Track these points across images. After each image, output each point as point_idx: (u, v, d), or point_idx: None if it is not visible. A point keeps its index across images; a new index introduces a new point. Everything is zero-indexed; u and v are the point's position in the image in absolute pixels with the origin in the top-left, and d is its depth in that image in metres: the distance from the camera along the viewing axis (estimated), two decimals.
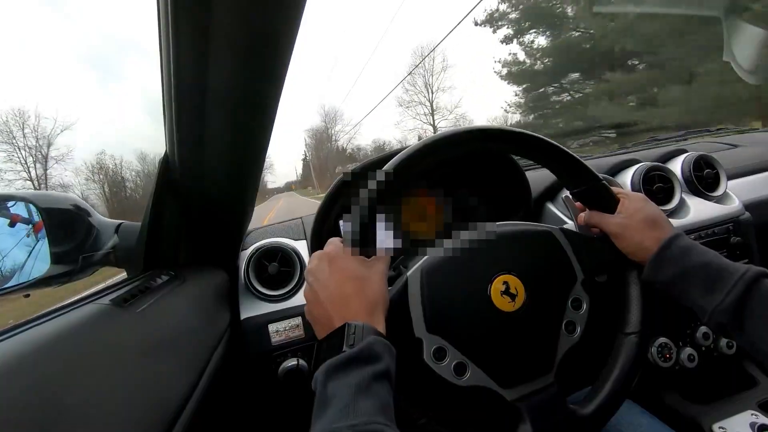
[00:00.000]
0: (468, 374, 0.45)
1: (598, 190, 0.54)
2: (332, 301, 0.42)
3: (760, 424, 0.65)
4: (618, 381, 0.48)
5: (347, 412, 0.32)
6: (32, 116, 18.01)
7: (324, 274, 0.43)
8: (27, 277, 0.50)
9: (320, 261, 0.45)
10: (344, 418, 0.32)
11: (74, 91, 65.69)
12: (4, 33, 61.50)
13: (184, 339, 0.50)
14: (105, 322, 0.39)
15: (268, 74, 0.42)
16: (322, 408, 0.34)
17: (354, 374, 0.35)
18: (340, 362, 0.36)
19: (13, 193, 0.52)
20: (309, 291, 0.45)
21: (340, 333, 0.39)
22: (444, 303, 0.47)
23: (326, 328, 0.41)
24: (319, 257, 0.45)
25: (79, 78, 72.69)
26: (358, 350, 0.36)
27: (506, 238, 0.51)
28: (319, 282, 0.43)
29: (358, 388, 0.34)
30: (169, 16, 0.34)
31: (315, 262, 0.45)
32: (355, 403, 0.33)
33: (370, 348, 0.37)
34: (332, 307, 0.41)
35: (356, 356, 0.36)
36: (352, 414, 0.32)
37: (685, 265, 0.47)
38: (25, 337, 0.32)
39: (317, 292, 0.43)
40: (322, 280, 0.43)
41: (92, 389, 0.31)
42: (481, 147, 0.51)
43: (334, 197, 0.69)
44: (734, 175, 1.00)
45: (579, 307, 0.50)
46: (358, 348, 0.36)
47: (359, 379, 0.35)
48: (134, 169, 16.35)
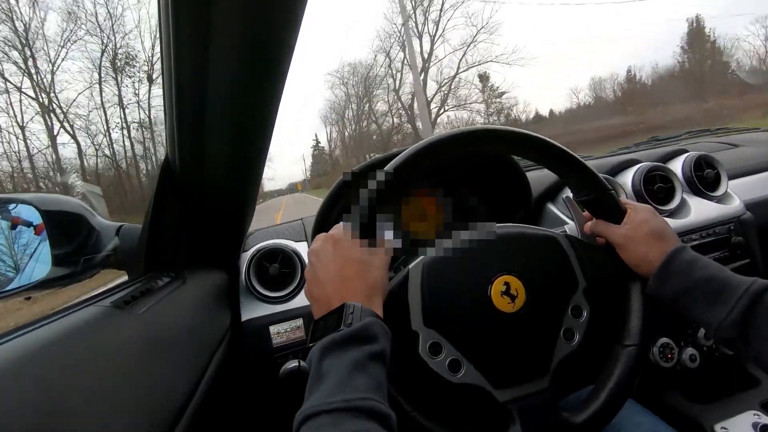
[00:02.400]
0: (462, 371, 0.45)
1: (606, 199, 0.53)
2: (332, 281, 0.42)
3: (762, 424, 0.65)
4: (613, 392, 0.48)
5: (342, 388, 0.33)
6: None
7: (327, 254, 0.44)
8: (28, 280, 0.50)
9: (324, 242, 0.45)
10: (339, 392, 0.32)
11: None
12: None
13: (185, 340, 0.50)
14: (106, 324, 0.39)
15: (268, 75, 0.42)
16: (317, 383, 0.34)
17: (350, 352, 0.35)
18: (337, 340, 0.36)
19: (14, 195, 0.53)
20: (310, 270, 0.45)
21: (338, 312, 0.39)
22: (443, 298, 0.47)
23: (324, 307, 0.41)
24: (324, 239, 0.45)
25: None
26: (355, 329, 0.37)
27: (511, 239, 0.51)
28: (321, 262, 0.44)
29: (354, 366, 0.34)
30: (170, 18, 0.35)
31: (319, 243, 0.45)
32: (350, 379, 0.33)
33: (368, 328, 0.37)
34: (332, 288, 0.42)
35: (354, 335, 0.36)
36: (347, 389, 0.32)
37: (689, 279, 0.47)
38: (27, 339, 0.32)
39: (318, 271, 0.43)
40: (324, 261, 0.43)
41: (94, 391, 0.31)
42: (486, 149, 0.51)
43: (335, 197, 0.69)
44: (735, 174, 1.00)
45: (579, 314, 0.50)
46: (356, 327, 0.37)
47: (355, 357, 0.35)
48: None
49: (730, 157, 1.10)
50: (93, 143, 15.32)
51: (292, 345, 0.74)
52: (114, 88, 16.43)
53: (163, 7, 0.35)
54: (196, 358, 0.51)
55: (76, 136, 14.98)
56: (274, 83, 0.44)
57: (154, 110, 15.90)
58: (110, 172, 14.90)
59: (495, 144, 0.51)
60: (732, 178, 0.96)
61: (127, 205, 13.94)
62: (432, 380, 0.45)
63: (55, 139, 14.65)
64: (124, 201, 14.57)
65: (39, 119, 14.69)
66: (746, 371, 0.79)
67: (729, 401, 0.72)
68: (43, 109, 14.73)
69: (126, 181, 15.77)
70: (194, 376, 0.47)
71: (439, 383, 0.45)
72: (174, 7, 0.34)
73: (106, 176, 14.59)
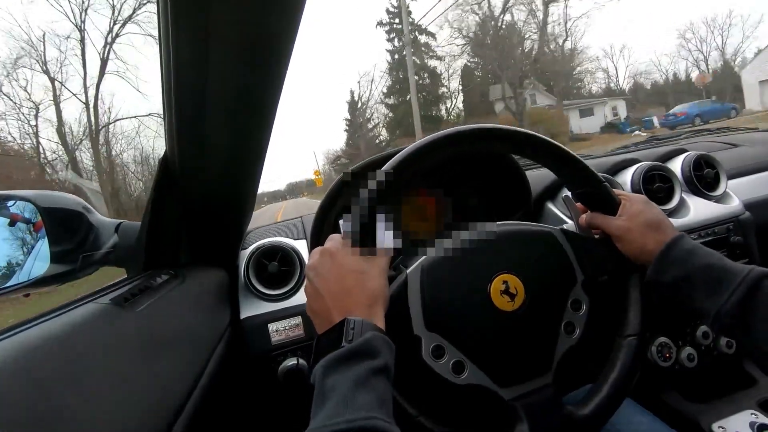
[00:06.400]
0: (466, 373, 0.45)
1: (600, 191, 0.54)
2: (332, 294, 0.42)
3: (759, 423, 0.65)
4: (616, 383, 0.48)
5: (345, 406, 0.32)
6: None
7: (325, 268, 0.43)
8: (27, 277, 0.50)
9: (321, 256, 0.45)
10: (342, 412, 0.32)
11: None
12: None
13: (184, 338, 0.50)
14: (105, 321, 0.39)
15: (268, 74, 0.42)
16: (321, 401, 0.34)
17: (353, 369, 0.35)
18: (339, 357, 0.36)
19: (13, 192, 0.52)
20: (309, 286, 0.45)
21: (339, 328, 0.39)
22: (443, 301, 0.47)
23: (326, 322, 0.41)
24: (321, 252, 0.45)
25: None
26: (357, 345, 0.36)
27: (507, 237, 0.51)
28: (320, 276, 0.43)
29: (357, 383, 0.34)
30: (169, 16, 0.34)
31: (316, 257, 0.45)
32: (353, 397, 0.33)
33: (369, 343, 0.37)
34: (332, 301, 0.42)
35: (355, 351, 0.36)
36: (351, 408, 0.32)
37: (688, 268, 0.47)
38: (25, 336, 0.32)
39: (318, 286, 0.43)
40: (323, 274, 0.43)
41: (92, 388, 0.31)
42: (483, 147, 0.51)
43: (334, 196, 0.69)
44: (734, 174, 1.00)
45: (579, 308, 0.50)
46: (357, 343, 0.37)
47: (358, 373, 0.35)
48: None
49: (729, 156, 1.10)
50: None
51: (291, 343, 0.74)
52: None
53: (162, 7, 0.35)
54: (195, 356, 0.51)
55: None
56: (273, 81, 0.43)
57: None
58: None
59: (492, 142, 0.51)
60: (731, 177, 0.96)
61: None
62: (436, 383, 0.45)
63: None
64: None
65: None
66: (744, 370, 0.79)
67: (726, 400, 0.72)
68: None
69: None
70: (193, 374, 0.47)
71: (443, 386, 0.45)
72: (173, 6, 0.33)
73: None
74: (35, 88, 16.56)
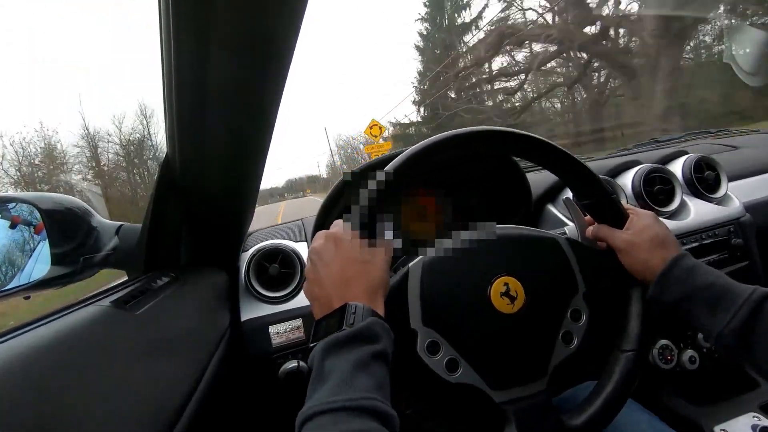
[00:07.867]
0: (459, 371, 0.45)
1: (608, 204, 0.53)
2: (334, 281, 0.42)
3: (761, 426, 0.65)
4: (610, 397, 0.48)
5: (345, 387, 0.32)
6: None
7: (329, 254, 0.43)
8: (27, 279, 0.50)
9: (326, 241, 0.44)
10: (341, 392, 0.32)
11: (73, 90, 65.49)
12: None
13: (184, 340, 0.50)
14: (106, 323, 0.39)
15: (268, 74, 0.42)
16: (319, 383, 0.34)
17: (353, 352, 0.35)
18: (340, 339, 0.36)
19: (14, 194, 0.52)
20: (311, 269, 0.44)
21: (339, 313, 0.39)
22: (442, 297, 0.47)
23: (325, 308, 0.41)
24: (325, 237, 0.45)
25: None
26: (358, 329, 0.36)
27: (511, 240, 0.51)
28: (322, 261, 0.43)
29: (357, 365, 0.34)
30: (170, 17, 0.35)
31: (321, 241, 0.45)
32: (352, 378, 0.33)
33: (370, 328, 0.37)
34: (333, 288, 0.41)
35: (356, 335, 0.36)
36: (350, 389, 0.32)
37: (690, 286, 0.47)
38: (26, 338, 0.32)
39: (320, 270, 0.43)
40: (326, 260, 0.43)
41: (93, 390, 0.31)
42: (487, 150, 0.51)
43: (335, 197, 0.69)
44: (735, 176, 1.00)
45: (578, 318, 0.50)
46: (358, 327, 0.37)
47: (358, 356, 0.35)
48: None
49: (730, 158, 1.10)
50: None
51: (292, 345, 0.74)
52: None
53: (163, 7, 0.35)
54: (195, 358, 0.51)
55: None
56: (274, 82, 0.44)
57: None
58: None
59: (495, 145, 0.51)
60: (732, 179, 0.96)
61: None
62: (429, 379, 0.45)
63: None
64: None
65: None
66: (746, 373, 0.79)
67: (728, 403, 0.72)
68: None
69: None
70: (193, 376, 0.47)
71: (436, 382, 0.45)
72: (174, 6, 0.33)
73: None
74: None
